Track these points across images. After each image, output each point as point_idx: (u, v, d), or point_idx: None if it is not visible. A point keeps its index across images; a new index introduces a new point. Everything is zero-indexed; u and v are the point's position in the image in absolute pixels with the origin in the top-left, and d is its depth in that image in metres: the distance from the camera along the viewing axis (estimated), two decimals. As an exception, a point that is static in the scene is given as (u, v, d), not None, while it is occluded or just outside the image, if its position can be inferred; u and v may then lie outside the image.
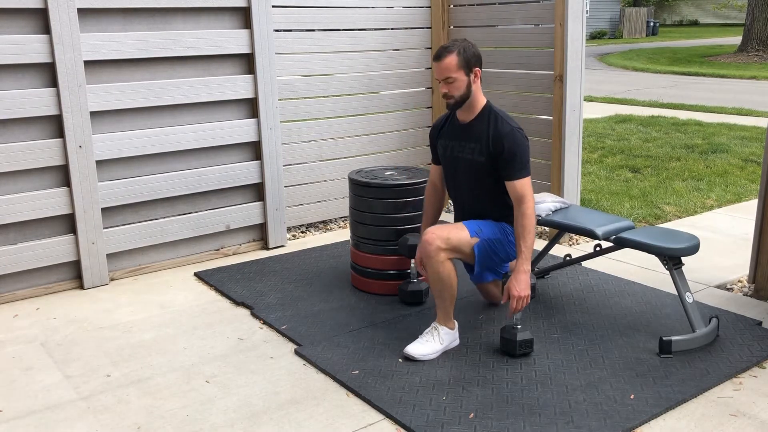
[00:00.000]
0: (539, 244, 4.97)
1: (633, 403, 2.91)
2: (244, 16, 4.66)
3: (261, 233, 5.04)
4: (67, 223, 4.26)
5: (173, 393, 3.09)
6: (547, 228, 5.29)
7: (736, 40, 25.15)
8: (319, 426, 2.82)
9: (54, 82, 4.06)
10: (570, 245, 4.97)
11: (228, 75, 4.66)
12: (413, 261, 3.93)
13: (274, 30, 4.84)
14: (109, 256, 4.41)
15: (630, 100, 13.21)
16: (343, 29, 5.30)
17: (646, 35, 35.00)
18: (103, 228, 4.36)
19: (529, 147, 3.36)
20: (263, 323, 3.77)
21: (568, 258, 4.05)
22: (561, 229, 3.83)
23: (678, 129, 9.66)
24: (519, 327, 3.30)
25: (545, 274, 4.29)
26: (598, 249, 3.82)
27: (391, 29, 5.50)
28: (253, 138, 4.81)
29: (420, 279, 3.99)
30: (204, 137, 4.62)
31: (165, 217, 4.60)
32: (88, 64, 4.15)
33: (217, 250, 4.86)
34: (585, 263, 4.52)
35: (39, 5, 3.92)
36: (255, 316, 3.85)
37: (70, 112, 4.09)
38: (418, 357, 3.27)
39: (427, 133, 5.82)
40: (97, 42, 4.14)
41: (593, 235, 3.59)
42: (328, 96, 5.31)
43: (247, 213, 4.90)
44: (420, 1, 5.56)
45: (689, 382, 3.05)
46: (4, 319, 3.90)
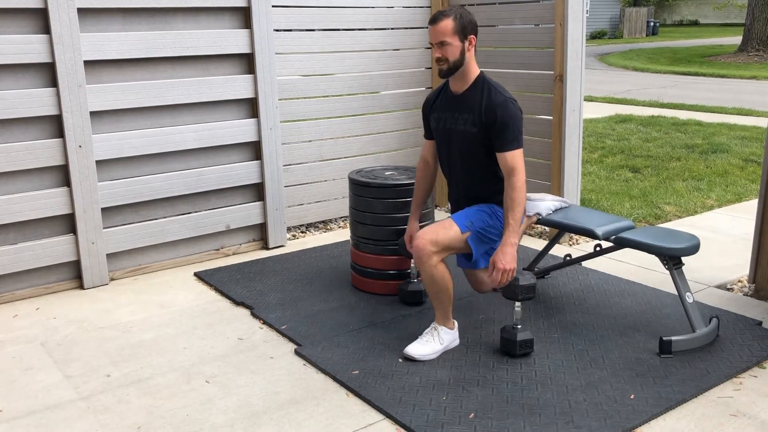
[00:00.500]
0: (539, 244, 4.97)
1: (633, 403, 2.91)
2: (244, 16, 4.66)
3: (261, 233, 5.04)
4: (67, 223, 4.27)
5: (173, 393, 3.09)
6: (547, 228, 5.29)
7: (736, 40, 25.17)
8: (319, 426, 2.82)
9: (54, 82, 4.06)
10: (570, 245, 4.97)
11: (228, 75, 4.66)
12: (413, 261, 3.93)
13: (274, 30, 4.84)
14: (109, 256, 4.41)
15: (630, 100, 13.21)
16: (343, 29, 5.30)
17: (646, 35, 35.00)
18: (103, 228, 4.36)
19: (522, 119, 3.28)
20: (263, 323, 3.77)
21: (568, 258, 4.05)
22: (561, 229, 3.83)
23: (678, 129, 9.66)
24: (519, 327, 3.30)
25: (545, 274, 4.29)
26: (598, 249, 3.82)
27: (391, 29, 5.50)
28: (253, 138, 4.81)
29: (420, 279, 3.99)
30: (204, 137, 4.62)
31: (165, 217, 4.60)
32: (88, 64, 4.15)
33: (217, 250, 4.86)
34: (585, 263, 4.52)
35: (39, 5, 3.92)
36: (255, 316, 3.85)
37: (70, 112, 4.09)
38: (418, 357, 3.27)
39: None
40: (97, 42, 4.14)
41: (593, 235, 3.59)
42: (328, 96, 5.31)
43: (247, 213, 4.90)
44: (420, 1, 5.56)
45: (689, 382, 3.05)
46: (4, 319, 3.90)
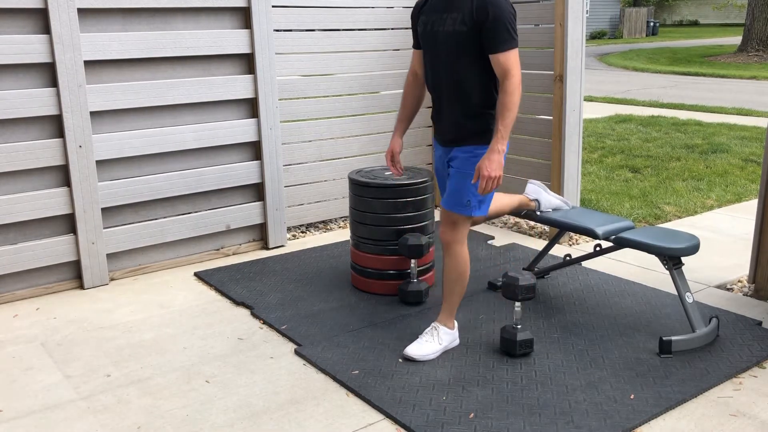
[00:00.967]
0: (539, 244, 4.98)
1: (633, 403, 2.91)
2: (244, 16, 4.66)
3: (261, 233, 5.04)
4: (67, 223, 4.27)
5: (173, 393, 3.09)
6: (547, 228, 5.29)
7: (736, 40, 25.16)
8: (319, 426, 2.82)
9: (54, 82, 4.06)
10: (570, 245, 4.97)
11: (228, 75, 4.66)
12: (413, 261, 3.93)
13: (274, 30, 4.84)
14: (109, 256, 4.41)
15: (630, 100, 13.21)
16: (343, 29, 5.30)
17: (646, 35, 35.00)
18: (103, 228, 4.36)
19: (515, 16, 3.06)
20: (263, 323, 3.77)
21: (568, 258, 4.05)
22: (561, 229, 3.83)
23: (678, 129, 9.66)
24: (519, 327, 3.30)
25: (545, 274, 4.29)
26: (598, 249, 3.82)
27: (391, 29, 5.50)
28: (253, 138, 4.81)
29: (420, 279, 3.99)
30: (204, 137, 4.62)
31: (165, 217, 4.60)
32: (88, 64, 4.15)
33: (217, 250, 4.86)
34: (585, 263, 4.52)
35: (39, 5, 3.92)
36: (255, 316, 3.85)
37: (70, 112, 4.09)
38: (418, 357, 3.27)
39: (426, 133, 5.82)
40: (97, 42, 4.14)
41: (593, 235, 3.60)
42: (328, 96, 5.31)
43: (247, 213, 4.90)
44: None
45: (689, 382, 3.05)
46: (4, 319, 3.90)
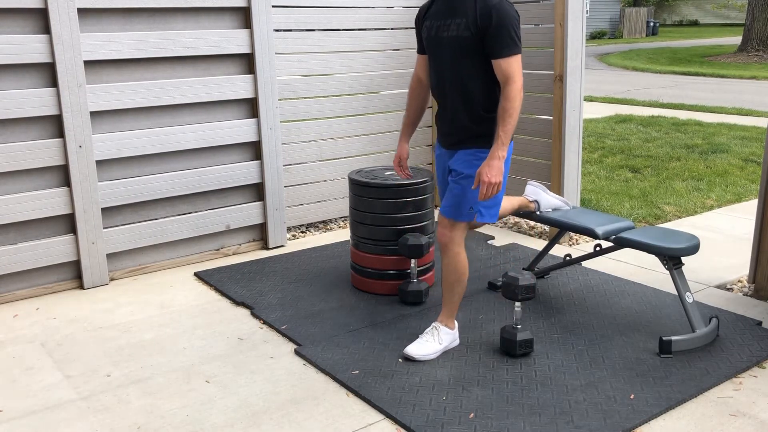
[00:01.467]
0: (539, 244, 4.98)
1: (633, 403, 2.91)
2: (244, 16, 4.66)
3: (261, 233, 5.04)
4: (67, 223, 4.27)
5: (173, 393, 3.09)
6: (547, 228, 5.29)
7: (736, 40, 25.16)
8: (319, 426, 2.82)
9: (54, 82, 4.06)
10: (570, 245, 4.97)
11: (228, 75, 4.66)
12: (413, 261, 3.93)
13: (274, 30, 4.84)
14: (109, 256, 4.41)
15: (630, 100, 13.21)
16: (343, 29, 5.30)
17: (646, 35, 35.00)
18: (103, 228, 4.36)
19: (519, 21, 3.06)
20: (263, 323, 3.77)
21: (568, 258, 4.05)
22: (561, 229, 3.83)
23: (678, 129, 9.66)
24: (519, 327, 3.30)
25: (545, 274, 4.29)
26: (598, 249, 3.82)
27: (391, 29, 5.50)
28: (253, 138, 4.81)
29: (420, 279, 3.99)
30: (204, 137, 4.62)
31: (165, 217, 4.60)
32: (88, 64, 4.15)
33: (217, 250, 4.86)
34: (585, 263, 4.52)
35: (39, 5, 3.92)
36: (255, 316, 3.85)
37: (70, 112, 4.09)
38: (418, 357, 3.27)
39: (427, 133, 5.82)
40: (97, 42, 4.14)
41: (593, 235, 3.60)
42: (328, 96, 5.31)
43: (247, 213, 4.90)
44: (420, 1, 5.56)
45: (689, 382, 3.05)
46: (4, 319, 3.90)
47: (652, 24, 35.32)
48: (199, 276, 4.46)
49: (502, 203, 3.61)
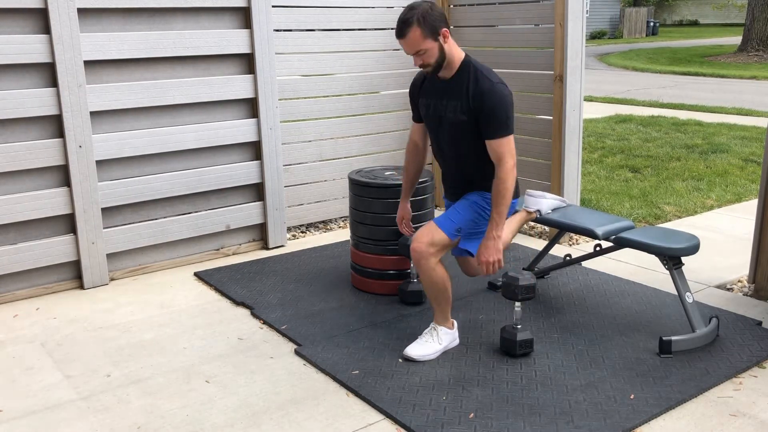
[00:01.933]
0: (539, 244, 4.97)
1: (633, 403, 2.91)
2: (244, 16, 4.66)
3: (261, 233, 5.04)
4: (67, 223, 4.27)
5: (173, 393, 3.09)
6: (547, 228, 5.29)
7: (736, 40, 25.17)
8: (319, 426, 2.82)
9: (54, 82, 4.06)
10: (570, 245, 4.97)
11: (228, 75, 4.66)
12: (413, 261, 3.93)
13: (274, 30, 4.84)
14: (109, 256, 4.41)
15: (630, 100, 13.21)
16: (343, 29, 5.30)
17: (646, 35, 35.00)
18: (103, 228, 4.36)
19: (513, 104, 3.13)
20: (263, 323, 3.77)
21: (568, 258, 4.05)
22: (561, 229, 3.83)
23: (678, 129, 9.66)
24: (519, 327, 3.30)
25: (545, 274, 4.29)
26: (598, 249, 3.82)
27: (391, 29, 5.50)
28: (253, 138, 4.81)
29: (419, 280, 3.99)
30: (204, 137, 4.62)
31: (165, 217, 4.60)
32: (88, 64, 4.15)
33: (217, 250, 4.86)
34: (585, 263, 4.52)
35: (39, 5, 3.92)
36: (255, 316, 3.85)
37: (70, 112, 4.09)
38: (418, 358, 3.27)
39: (427, 133, 5.82)
40: (97, 42, 4.14)
41: (593, 235, 3.60)
42: (328, 96, 5.31)
43: (247, 213, 4.90)
44: (420, 0, 5.55)
45: (689, 382, 3.05)
46: (4, 319, 3.90)
47: (652, 24, 35.33)
48: (199, 276, 4.46)
49: (506, 230, 3.63)
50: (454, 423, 2.79)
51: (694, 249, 3.40)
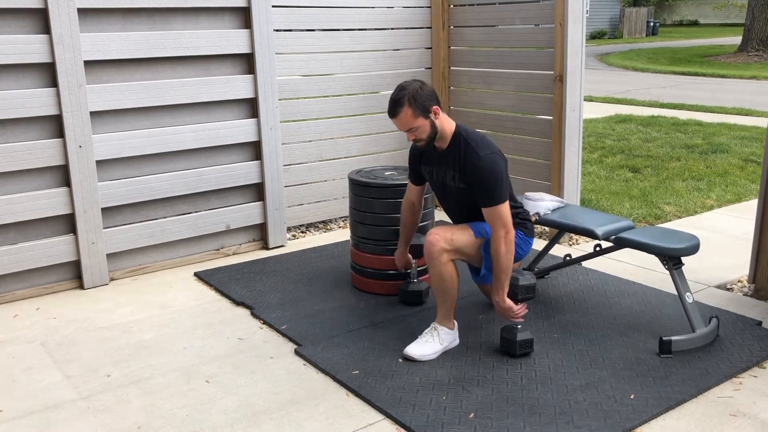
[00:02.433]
0: (539, 244, 4.97)
1: (633, 403, 2.91)
2: (244, 16, 4.66)
3: (261, 233, 5.04)
4: (67, 223, 4.27)
5: (173, 393, 3.09)
6: (547, 228, 5.29)
7: (736, 40, 25.16)
8: (319, 426, 2.82)
9: (54, 82, 4.06)
10: (570, 245, 4.97)
11: (228, 75, 4.66)
12: (413, 261, 3.93)
13: (274, 30, 4.84)
14: (109, 256, 4.41)
15: (630, 100, 13.21)
16: (343, 29, 5.30)
17: (646, 35, 35.00)
18: (103, 228, 4.36)
19: (504, 171, 3.23)
20: (263, 323, 3.77)
21: (568, 258, 4.05)
22: (561, 229, 3.83)
23: (678, 129, 9.66)
24: (519, 327, 3.30)
25: (545, 274, 4.29)
26: (598, 249, 3.82)
27: (391, 29, 5.50)
28: (253, 138, 4.81)
29: (420, 279, 3.99)
30: (204, 137, 4.62)
31: (165, 217, 4.60)
32: (88, 64, 4.15)
33: (217, 250, 4.86)
34: (585, 263, 4.52)
35: (39, 5, 3.92)
36: (255, 316, 3.85)
37: (70, 112, 4.09)
38: (418, 357, 3.27)
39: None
40: (97, 42, 4.14)
41: (593, 235, 3.59)
42: (328, 96, 5.31)
43: (247, 213, 4.90)
44: (420, 1, 5.56)
45: (689, 382, 3.05)
46: (4, 319, 3.90)
47: (652, 24, 35.32)
48: (199, 276, 4.46)
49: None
50: (454, 423, 2.79)
51: (694, 249, 3.40)
